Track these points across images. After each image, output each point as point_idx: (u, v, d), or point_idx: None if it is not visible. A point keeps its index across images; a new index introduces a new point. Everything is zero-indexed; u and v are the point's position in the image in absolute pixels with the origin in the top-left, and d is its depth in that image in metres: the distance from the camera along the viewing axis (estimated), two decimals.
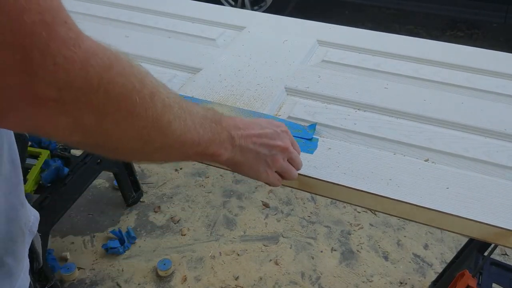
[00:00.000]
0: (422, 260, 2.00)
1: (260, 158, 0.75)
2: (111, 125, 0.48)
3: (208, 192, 2.32)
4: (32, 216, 0.75)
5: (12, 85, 0.39)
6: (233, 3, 3.78)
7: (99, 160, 1.87)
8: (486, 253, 1.51)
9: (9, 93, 0.40)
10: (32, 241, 0.75)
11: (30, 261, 0.73)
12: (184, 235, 2.09)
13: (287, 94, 1.10)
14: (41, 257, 0.78)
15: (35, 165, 1.64)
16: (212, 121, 0.65)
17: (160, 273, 1.90)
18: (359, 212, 2.22)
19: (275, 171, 0.79)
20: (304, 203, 2.26)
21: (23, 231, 0.68)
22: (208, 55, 1.23)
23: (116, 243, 1.98)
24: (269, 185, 0.81)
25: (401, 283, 1.90)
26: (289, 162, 0.80)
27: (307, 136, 0.95)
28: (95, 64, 0.43)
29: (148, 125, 0.52)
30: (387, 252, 2.03)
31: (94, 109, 0.45)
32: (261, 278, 1.90)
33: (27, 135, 0.85)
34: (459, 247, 1.81)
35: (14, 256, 0.66)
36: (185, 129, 0.59)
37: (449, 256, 1.98)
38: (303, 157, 0.89)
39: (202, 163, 0.79)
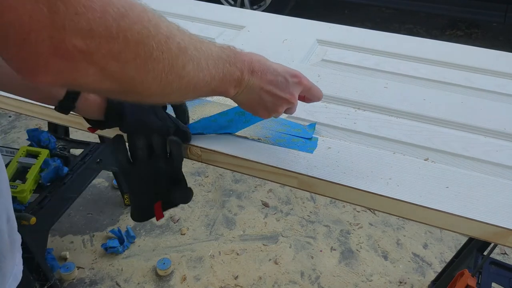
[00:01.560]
0: (422, 259, 2.00)
1: (261, 102, 0.77)
2: (133, 70, 0.51)
3: (208, 192, 2.32)
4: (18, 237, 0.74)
5: (44, 40, 0.41)
6: (232, 2, 3.77)
7: (98, 160, 1.87)
8: (485, 253, 1.51)
9: (41, 48, 0.42)
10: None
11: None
12: (184, 234, 2.09)
13: None
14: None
15: (34, 164, 1.64)
16: (226, 61, 0.67)
17: (160, 272, 1.90)
18: (359, 212, 2.22)
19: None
20: (304, 203, 2.26)
21: (10, 243, 0.66)
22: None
23: (115, 243, 1.98)
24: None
25: (400, 282, 1.90)
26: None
27: (306, 136, 0.95)
28: (112, 13, 0.45)
29: (165, 68, 0.55)
30: (387, 251, 2.03)
31: (116, 57, 0.48)
32: (260, 278, 1.90)
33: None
34: (459, 247, 1.81)
35: (2, 270, 0.64)
36: (199, 70, 0.61)
37: (449, 255, 1.98)
38: (303, 156, 0.89)
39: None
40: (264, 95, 0.76)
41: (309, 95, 0.84)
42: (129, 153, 0.87)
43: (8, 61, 0.44)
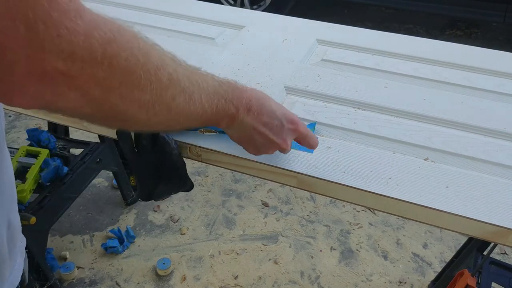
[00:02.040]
0: (422, 259, 2.00)
1: (252, 141, 0.76)
2: (117, 98, 0.48)
3: (208, 191, 2.32)
4: (21, 239, 0.73)
5: (20, 60, 0.39)
6: (232, 2, 3.77)
7: (98, 159, 1.87)
8: (485, 252, 1.51)
9: (18, 69, 0.40)
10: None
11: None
12: (184, 234, 2.09)
13: (287, 93, 1.10)
14: (27, 277, 0.76)
15: (34, 164, 1.64)
16: (222, 97, 0.66)
17: (160, 272, 1.90)
18: (359, 211, 2.22)
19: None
20: (304, 202, 2.26)
21: (9, 249, 0.66)
22: (208, 54, 1.23)
23: (115, 242, 1.98)
24: None
25: (400, 282, 1.90)
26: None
27: None
28: (98, 37, 0.43)
29: (152, 99, 0.52)
30: (387, 251, 2.03)
31: (100, 83, 0.45)
32: (260, 278, 1.90)
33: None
34: (459, 246, 1.81)
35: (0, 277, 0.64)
36: (190, 103, 0.59)
37: (449, 255, 1.98)
38: (303, 156, 0.89)
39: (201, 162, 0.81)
40: (256, 135, 0.75)
41: (304, 142, 0.83)
42: (133, 142, 0.90)
43: None
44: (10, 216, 0.65)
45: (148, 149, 0.89)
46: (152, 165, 0.90)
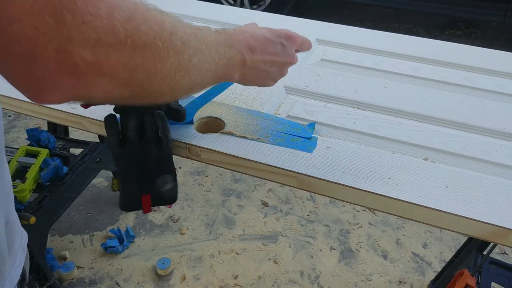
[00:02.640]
0: (421, 259, 2.00)
1: (268, 75, 0.79)
2: (142, 75, 0.49)
3: (207, 191, 2.32)
4: (22, 234, 0.73)
5: (50, 56, 0.39)
6: (232, 2, 3.77)
7: (98, 159, 1.87)
8: (485, 252, 1.51)
9: (49, 66, 0.39)
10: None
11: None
12: (183, 234, 2.09)
13: (286, 93, 1.09)
14: (27, 275, 0.76)
15: (34, 164, 1.63)
16: (226, 45, 0.67)
17: (159, 272, 1.90)
18: (358, 211, 2.22)
19: None
20: (303, 202, 2.26)
21: (8, 246, 0.65)
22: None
23: (115, 242, 1.98)
24: None
25: (400, 282, 1.90)
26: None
27: (306, 135, 0.95)
28: (119, 18, 0.43)
29: (173, 66, 0.53)
30: (386, 251, 2.03)
31: (125, 63, 0.46)
32: (260, 277, 1.90)
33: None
34: (458, 246, 1.81)
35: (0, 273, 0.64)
36: (203, 60, 0.60)
37: (448, 255, 1.98)
38: (302, 156, 0.89)
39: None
40: (270, 68, 0.78)
41: (302, 49, 0.88)
42: (120, 136, 0.87)
43: (12, 80, 0.41)
44: (8, 214, 0.65)
45: (135, 141, 0.85)
46: (137, 162, 0.87)
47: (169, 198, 0.94)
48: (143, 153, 0.87)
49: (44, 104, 0.43)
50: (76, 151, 1.88)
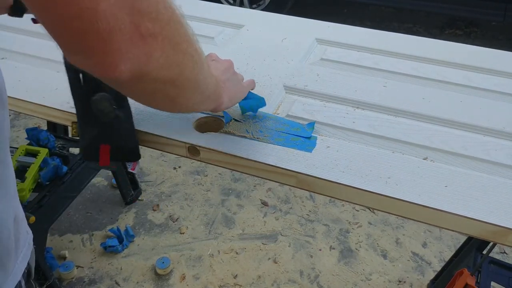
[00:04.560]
0: (421, 258, 2.00)
1: (234, 81, 0.86)
2: (181, 53, 0.54)
3: (207, 191, 2.32)
4: (28, 230, 0.74)
5: (125, 27, 0.44)
6: (231, 1, 3.77)
7: None
8: (484, 252, 1.51)
9: (122, 36, 0.44)
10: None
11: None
12: (183, 233, 2.09)
13: (286, 93, 1.09)
14: (33, 270, 0.77)
15: (33, 163, 1.63)
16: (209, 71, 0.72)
17: (159, 271, 1.90)
18: (358, 211, 2.22)
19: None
20: (303, 202, 2.26)
21: (15, 242, 0.66)
22: (207, 53, 1.22)
23: (114, 242, 1.98)
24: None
25: (399, 281, 1.90)
26: None
27: (305, 135, 0.95)
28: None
29: (196, 52, 0.59)
30: (386, 250, 2.03)
31: (171, 40, 0.51)
32: (259, 277, 1.90)
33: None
34: (458, 246, 1.81)
35: (4, 269, 0.64)
36: (206, 74, 0.66)
37: (448, 254, 1.98)
38: (302, 155, 0.89)
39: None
40: (231, 76, 0.86)
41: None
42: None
43: (88, 57, 0.45)
44: (16, 210, 0.66)
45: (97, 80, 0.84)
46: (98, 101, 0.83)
47: (130, 154, 0.91)
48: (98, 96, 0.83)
49: (113, 77, 0.47)
50: (76, 150, 1.88)
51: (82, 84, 0.84)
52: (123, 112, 0.89)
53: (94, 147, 0.88)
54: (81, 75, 0.84)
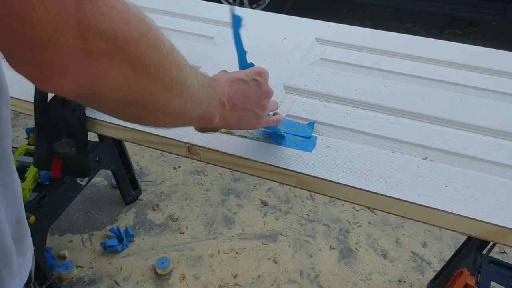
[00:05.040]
0: (421, 258, 2.00)
1: (249, 114, 0.78)
2: (146, 78, 0.50)
3: (207, 190, 2.32)
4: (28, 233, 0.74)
5: (68, 42, 0.40)
6: (231, 1, 3.77)
7: (97, 159, 1.87)
8: (484, 251, 1.51)
9: (65, 49, 0.41)
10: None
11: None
12: (183, 233, 2.09)
13: (286, 92, 1.10)
14: (33, 273, 0.76)
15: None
16: (208, 85, 0.67)
17: (159, 271, 1.90)
18: (358, 211, 2.22)
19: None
20: (303, 202, 2.26)
21: (15, 247, 0.65)
22: (207, 53, 1.22)
23: (114, 242, 1.98)
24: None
25: (399, 281, 1.90)
26: None
27: (305, 135, 0.95)
28: (133, 15, 0.45)
29: (172, 79, 0.54)
30: (386, 250, 2.03)
31: (133, 62, 0.47)
32: (259, 277, 1.90)
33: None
34: (458, 246, 1.81)
35: (9, 269, 0.64)
36: (194, 88, 0.61)
37: (448, 254, 1.98)
38: (302, 155, 0.89)
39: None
40: (247, 105, 0.77)
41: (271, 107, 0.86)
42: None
43: (24, 67, 0.42)
44: (19, 212, 0.66)
45: (57, 101, 0.86)
46: (54, 119, 0.86)
47: (81, 172, 0.95)
48: (61, 113, 0.87)
49: (53, 92, 0.44)
50: None
51: (46, 101, 0.87)
52: (83, 152, 0.93)
53: (47, 159, 0.92)
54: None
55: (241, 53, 0.84)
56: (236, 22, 0.85)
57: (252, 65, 0.85)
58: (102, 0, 0.41)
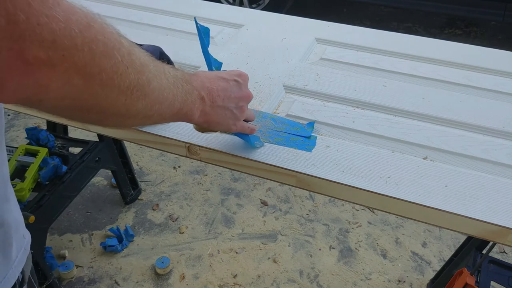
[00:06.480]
0: (421, 258, 2.00)
1: (228, 112, 0.78)
2: (97, 86, 0.48)
3: (206, 190, 2.32)
4: (24, 234, 0.72)
5: (2, 54, 0.38)
6: (231, 1, 3.77)
7: (97, 158, 1.87)
8: (484, 251, 1.51)
9: (1, 63, 0.39)
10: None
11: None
12: (183, 233, 2.09)
13: (286, 92, 1.09)
14: (28, 276, 0.75)
15: (33, 163, 1.63)
16: (183, 81, 0.66)
17: (158, 271, 1.90)
18: (358, 210, 2.22)
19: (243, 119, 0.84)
20: (303, 201, 2.26)
21: (4, 249, 0.64)
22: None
23: (114, 241, 1.98)
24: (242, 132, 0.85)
25: (399, 281, 1.90)
26: None
27: (305, 134, 0.95)
28: (77, 23, 0.43)
29: (131, 84, 0.52)
30: (386, 250, 2.03)
31: (80, 70, 0.45)
32: (259, 276, 1.90)
33: None
34: (458, 245, 1.82)
35: None
36: (162, 88, 0.59)
37: (447, 254, 1.98)
38: (302, 155, 0.89)
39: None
40: (227, 103, 0.77)
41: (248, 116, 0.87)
42: None
43: None
44: (3, 215, 0.64)
45: None
46: None
47: None
48: None
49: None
50: (75, 150, 1.88)
51: None
52: None
53: None
54: None
55: (211, 64, 0.86)
56: (204, 33, 0.86)
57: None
58: (38, 10, 0.40)
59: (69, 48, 0.43)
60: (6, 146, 0.64)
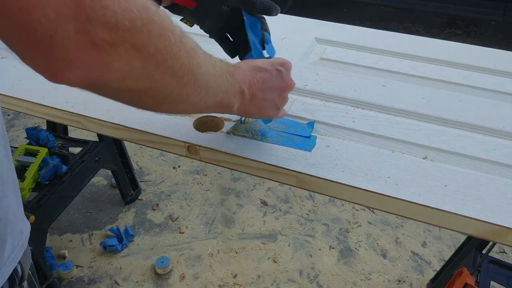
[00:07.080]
0: (420, 258, 2.00)
1: (269, 104, 0.79)
2: (153, 66, 0.51)
3: (206, 190, 2.32)
4: (22, 229, 0.72)
5: (70, 35, 0.42)
6: None
7: (97, 158, 1.87)
8: (484, 251, 1.51)
9: (69, 44, 0.42)
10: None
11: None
12: (182, 233, 2.09)
13: None
14: (27, 273, 0.74)
15: (33, 163, 1.63)
16: (227, 72, 0.67)
17: (158, 271, 1.90)
18: (358, 210, 2.22)
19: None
20: (302, 201, 2.26)
21: (2, 230, 0.64)
22: (209, 53, 1.22)
23: (114, 241, 1.98)
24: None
25: (399, 281, 1.90)
26: None
27: (305, 134, 0.95)
28: (136, 4, 0.46)
29: (182, 67, 0.54)
30: (385, 250, 2.03)
31: (140, 50, 0.48)
32: (259, 276, 1.90)
33: None
34: (457, 245, 1.82)
35: None
36: (209, 74, 0.61)
37: (447, 254, 1.98)
38: (301, 155, 0.89)
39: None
40: (268, 95, 0.78)
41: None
42: None
43: (33, 62, 0.44)
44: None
45: None
46: None
47: None
48: None
49: (64, 84, 0.46)
50: (75, 150, 1.88)
51: None
52: None
53: None
54: None
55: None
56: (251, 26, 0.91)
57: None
58: None
59: (129, 29, 0.45)
60: None
